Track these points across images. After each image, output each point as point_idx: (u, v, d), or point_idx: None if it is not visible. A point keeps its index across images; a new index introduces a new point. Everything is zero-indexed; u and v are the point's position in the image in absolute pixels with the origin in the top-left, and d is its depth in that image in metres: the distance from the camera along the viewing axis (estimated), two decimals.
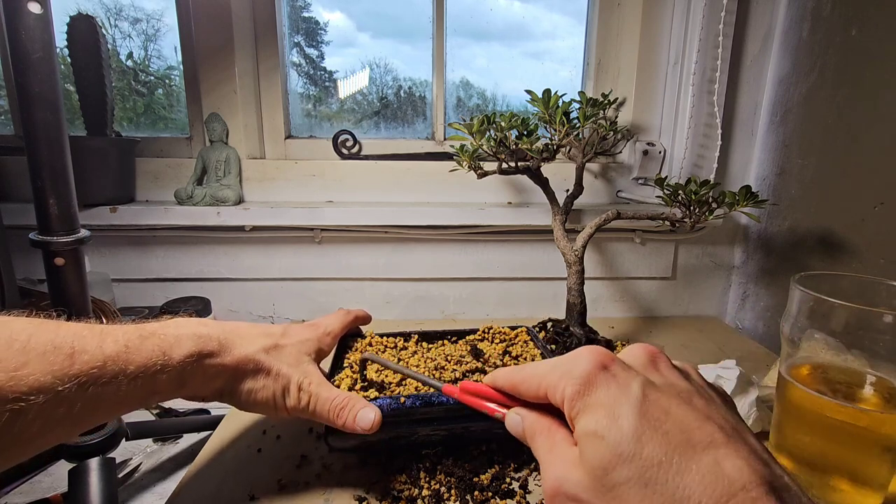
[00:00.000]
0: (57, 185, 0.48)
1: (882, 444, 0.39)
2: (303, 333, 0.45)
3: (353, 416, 0.39)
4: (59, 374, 0.29)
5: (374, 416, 0.39)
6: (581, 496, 0.23)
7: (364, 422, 0.39)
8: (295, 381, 0.40)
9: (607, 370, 0.25)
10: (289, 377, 0.40)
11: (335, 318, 0.52)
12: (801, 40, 0.77)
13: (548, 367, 0.27)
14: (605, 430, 0.22)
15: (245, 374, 0.39)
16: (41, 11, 0.45)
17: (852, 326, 0.40)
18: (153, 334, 0.35)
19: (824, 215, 0.72)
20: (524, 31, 0.95)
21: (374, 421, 0.39)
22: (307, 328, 0.47)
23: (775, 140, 0.82)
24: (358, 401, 0.40)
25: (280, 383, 0.40)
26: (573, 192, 0.75)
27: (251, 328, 0.43)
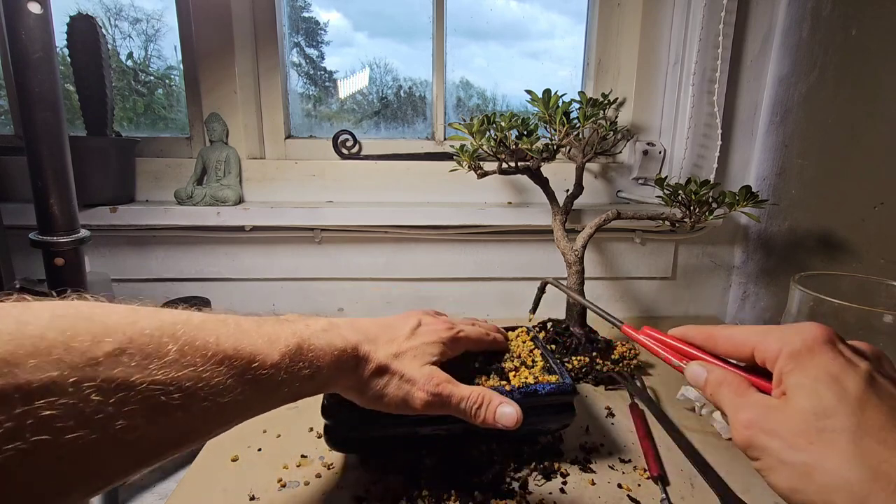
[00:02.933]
0: (57, 185, 0.48)
1: None
2: (429, 336, 0.43)
3: (491, 412, 0.39)
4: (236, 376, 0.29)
5: (514, 411, 0.39)
6: (780, 431, 0.25)
7: (506, 418, 0.39)
8: (421, 384, 0.39)
9: (834, 346, 0.26)
10: (415, 380, 0.39)
11: (473, 333, 0.49)
12: (801, 40, 0.77)
13: (759, 328, 0.30)
14: (825, 387, 0.25)
15: (374, 377, 0.39)
16: (41, 11, 0.45)
17: (852, 326, 0.40)
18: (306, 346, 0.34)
19: (824, 215, 0.72)
20: (522, 31, 0.95)
21: (516, 417, 0.39)
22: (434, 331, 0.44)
23: (775, 140, 0.82)
24: (493, 396, 0.40)
25: (408, 385, 0.39)
26: (573, 192, 0.75)
27: (380, 329, 0.42)
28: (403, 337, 0.42)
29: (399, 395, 0.39)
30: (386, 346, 0.40)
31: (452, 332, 0.45)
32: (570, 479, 0.46)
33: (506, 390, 0.45)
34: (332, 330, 0.37)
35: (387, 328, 0.42)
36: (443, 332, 0.45)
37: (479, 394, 0.40)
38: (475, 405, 0.40)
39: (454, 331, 0.46)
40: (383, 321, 0.44)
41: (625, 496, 0.44)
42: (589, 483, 0.46)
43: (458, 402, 0.39)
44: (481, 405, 0.40)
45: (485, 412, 0.39)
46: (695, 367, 0.32)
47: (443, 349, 0.43)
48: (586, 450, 0.50)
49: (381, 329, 0.42)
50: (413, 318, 0.45)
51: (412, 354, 0.41)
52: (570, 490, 0.45)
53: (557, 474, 0.47)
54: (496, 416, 0.39)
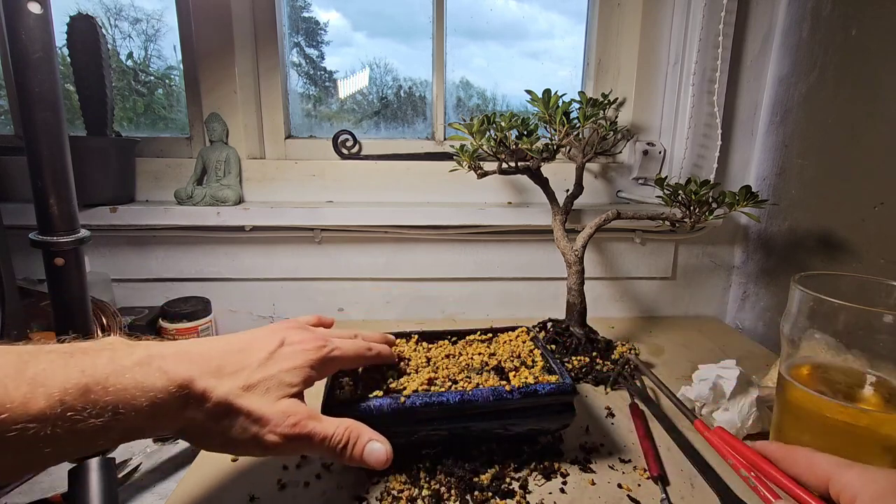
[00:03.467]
0: (57, 185, 0.48)
1: (882, 444, 0.39)
2: (290, 359, 0.37)
3: (359, 450, 0.35)
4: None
5: (384, 449, 0.36)
6: None
7: (374, 457, 0.35)
8: (273, 424, 0.33)
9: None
10: (266, 419, 0.33)
11: (351, 350, 0.43)
12: (801, 40, 0.77)
13: (839, 461, 0.30)
14: None
15: (212, 419, 0.32)
16: (41, 11, 0.45)
17: (852, 326, 0.40)
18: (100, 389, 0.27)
19: (824, 215, 0.72)
20: (521, 31, 0.95)
21: (385, 455, 0.36)
22: (298, 352, 0.38)
23: (775, 140, 0.82)
24: (361, 431, 0.36)
25: (256, 427, 0.33)
26: (573, 192, 0.75)
27: (226, 355, 0.35)
28: (256, 364, 0.35)
29: (245, 437, 0.33)
30: (231, 378, 0.33)
31: (323, 351, 0.39)
32: (570, 479, 0.46)
33: (506, 390, 0.45)
34: (148, 364, 0.30)
35: (236, 354, 0.35)
36: (311, 352, 0.38)
37: (345, 430, 0.35)
38: (340, 444, 0.35)
39: (325, 350, 0.40)
40: (235, 343, 0.37)
41: (625, 496, 0.44)
42: (589, 483, 0.46)
43: (322, 441, 0.34)
44: (347, 443, 0.35)
45: (351, 450, 0.35)
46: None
47: (307, 374, 0.37)
48: (586, 450, 0.50)
49: (228, 355, 0.35)
50: (273, 337, 0.38)
51: (265, 387, 0.34)
52: (570, 490, 0.45)
53: (557, 474, 0.47)
54: (364, 454, 0.35)
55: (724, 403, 0.54)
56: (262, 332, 0.39)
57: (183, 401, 0.31)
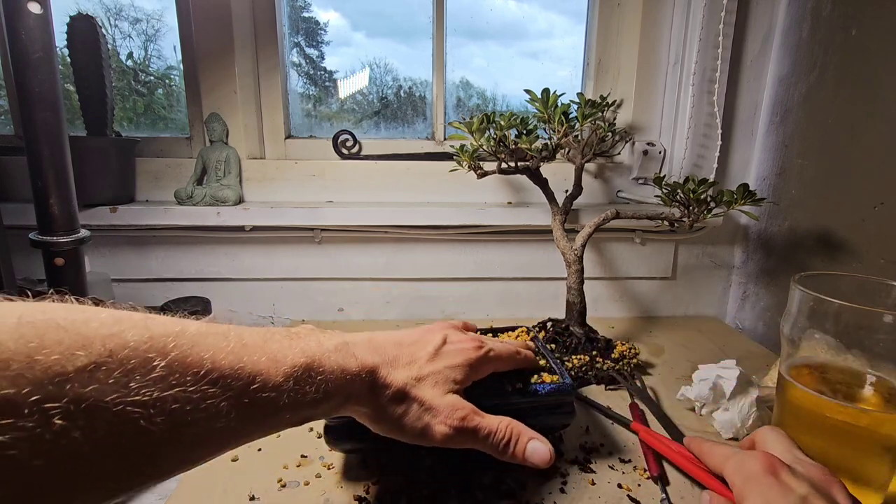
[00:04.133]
0: (57, 185, 0.48)
1: (882, 444, 0.39)
2: (454, 357, 0.39)
3: (521, 448, 0.37)
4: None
5: (546, 448, 0.37)
6: None
7: (537, 455, 0.37)
8: (444, 416, 0.36)
9: (775, 475, 0.32)
10: (437, 409, 0.36)
11: (504, 352, 0.44)
12: (801, 40, 0.77)
13: (728, 452, 0.37)
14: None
15: (391, 404, 0.35)
16: (41, 11, 0.45)
17: (852, 326, 0.40)
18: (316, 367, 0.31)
19: (824, 215, 0.72)
20: (521, 31, 0.95)
21: (549, 454, 0.37)
22: (460, 350, 0.40)
23: (775, 140, 0.82)
24: (522, 430, 0.38)
25: (429, 416, 0.36)
26: (572, 193, 0.75)
27: (399, 348, 0.38)
28: (425, 358, 0.38)
29: (418, 425, 0.35)
30: (405, 368, 0.36)
31: (481, 351, 0.42)
32: (570, 479, 0.46)
33: (506, 391, 0.45)
34: (344, 350, 0.33)
35: (407, 347, 0.38)
36: (470, 351, 0.41)
37: (507, 426, 0.37)
38: (503, 440, 0.37)
39: (483, 350, 0.42)
40: (404, 337, 0.40)
41: (625, 496, 0.44)
42: (589, 483, 0.46)
43: (486, 436, 0.36)
44: (510, 440, 0.37)
45: (513, 447, 0.37)
46: (705, 495, 0.38)
47: (468, 373, 0.39)
48: (586, 450, 0.50)
49: (401, 348, 0.38)
50: (437, 335, 0.41)
51: (434, 380, 0.37)
52: (570, 490, 0.45)
53: (557, 474, 0.46)
54: (526, 452, 0.37)
55: (724, 403, 0.54)
56: (427, 330, 0.42)
57: (370, 385, 0.34)
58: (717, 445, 0.39)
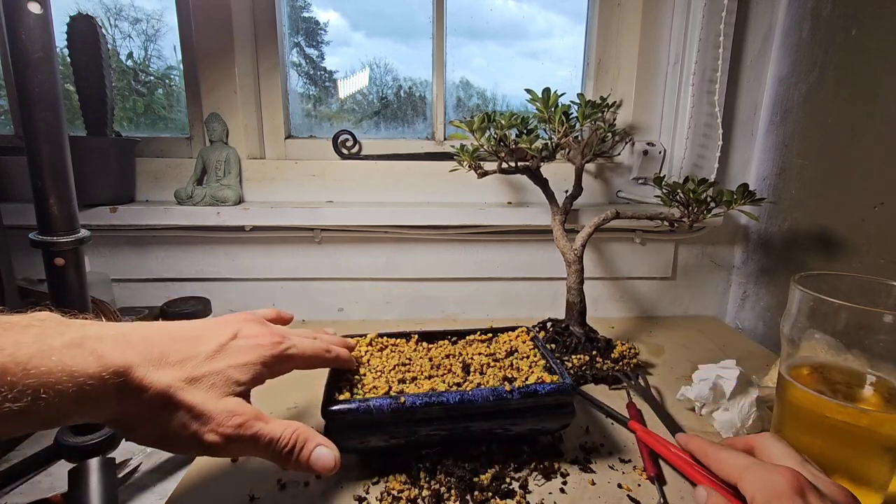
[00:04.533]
0: (57, 185, 0.48)
1: (882, 444, 0.39)
2: (242, 354, 0.35)
3: (306, 455, 0.33)
4: None
5: (332, 454, 0.33)
6: None
7: (321, 462, 0.33)
8: (216, 422, 0.31)
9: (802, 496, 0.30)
10: (209, 416, 0.31)
11: (309, 349, 0.40)
12: (801, 40, 0.77)
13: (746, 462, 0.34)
14: None
15: (150, 410, 0.30)
16: (41, 11, 0.45)
17: (852, 326, 0.40)
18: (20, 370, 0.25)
19: (824, 215, 0.72)
20: (520, 30, 0.95)
21: (333, 461, 0.33)
22: (252, 347, 0.36)
23: (775, 140, 0.82)
24: (309, 436, 0.34)
25: (197, 424, 0.31)
26: (572, 193, 0.75)
27: (173, 343, 0.32)
28: (204, 355, 0.33)
29: (183, 434, 0.30)
30: (173, 368, 0.31)
31: (278, 348, 0.37)
32: (570, 479, 0.46)
33: (506, 390, 0.45)
34: (81, 346, 0.27)
35: (182, 342, 0.33)
36: (265, 347, 0.36)
37: (293, 433, 0.33)
38: (287, 447, 0.33)
39: (281, 347, 0.37)
40: (184, 330, 0.34)
41: (625, 496, 0.44)
42: (589, 483, 0.46)
43: (268, 443, 0.32)
44: (294, 447, 0.33)
45: (297, 455, 0.33)
46: (700, 489, 0.35)
47: (258, 371, 0.35)
48: (586, 450, 0.50)
49: (173, 343, 0.32)
50: (227, 329, 0.36)
51: (210, 382, 0.32)
52: (570, 490, 0.45)
53: (557, 474, 0.47)
54: (311, 458, 0.33)
55: (724, 403, 0.54)
56: (215, 323, 0.37)
57: (118, 389, 0.28)
58: (727, 451, 0.36)
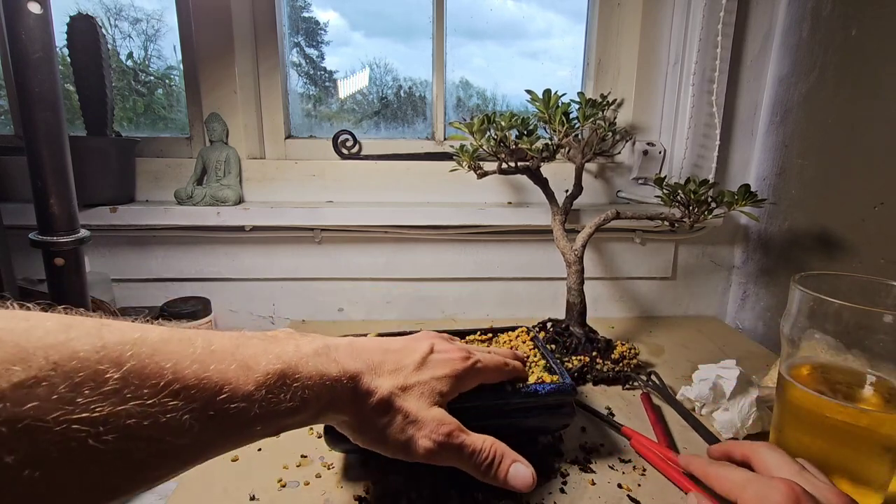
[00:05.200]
0: (57, 185, 0.48)
1: (882, 444, 0.39)
2: (441, 367, 0.38)
3: (504, 470, 0.35)
4: None
5: (529, 472, 0.35)
6: None
7: (520, 479, 0.35)
8: (428, 430, 0.34)
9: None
10: (422, 423, 0.34)
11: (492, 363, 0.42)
12: (801, 40, 0.77)
13: (745, 478, 0.34)
14: None
15: (375, 414, 0.33)
16: (41, 11, 0.45)
17: (852, 326, 0.40)
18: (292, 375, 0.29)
19: (824, 215, 0.72)
20: (519, 30, 0.95)
21: (532, 479, 0.35)
22: (447, 361, 0.38)
23: (775, 140, 0.82)
24: (505, 451, 0.36)
25: (413, 429, 0.34)
26: (573, 193, 0.75)
27: (384, 354, 0.35)
28: (412, 367, 0.36)
29: (402, 438, 0.33)
30: (390, 376, 0.34)
31: (468, 363, 0.40)
32: (570, 479, 0.46)
33: (506, 390, 0.45)
34: (326, 354, 0.32)
35: (393, 353, 0.36)
36: (457, 362, 0.39)
37: (491, 446, 0.35)
38: (486, 460, 0.35)
39: (470, 361, 0.40)
40: (389, 343, 0.38)
41: (625, 496, 0.44)
42: (589, 483, 0.46)
43: (471, 455, 0.34)
44: (493, 460, 0.35)
45: (496, 468, 0.35)
46: (692, 497, 0.36)
47: (454, 384, 0.38)
48: (586, 450, 0.50)
49: (386, 354, 0.36)
50: (424, 343, 0.39)
51: (420, 391, 0.35)
52: (570, 490, 0.45)
53: (557, 474, 0.47)
54: (508, 475, 0.35)
55: (724, 403, 0.54)
56: (412, 338, 0.41)
57: (352, 392, 0.32)
58: (727, 468, 0.36)
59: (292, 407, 0.28)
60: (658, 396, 0.61)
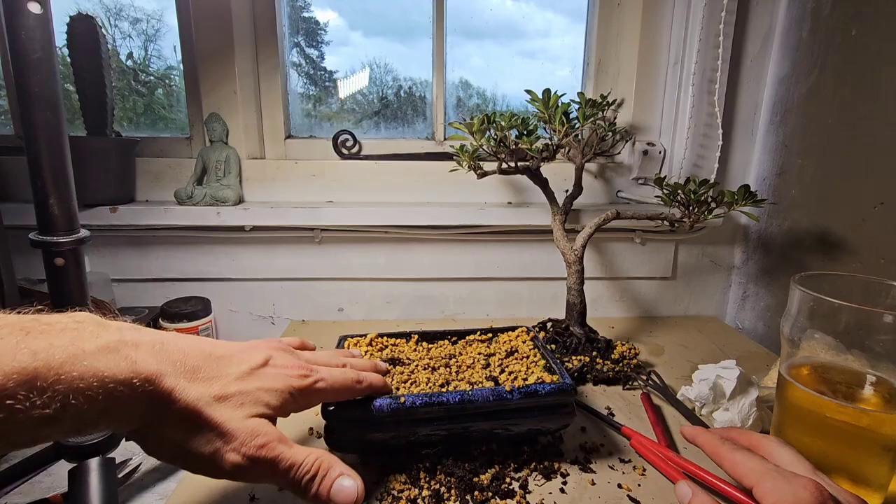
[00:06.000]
0: (57, 185, 0.48)
1: (882, 444, 0.39)
2: (273, 380, 0.34)
3: (326, 486, 0.31)
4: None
5: (355, 485, 0.31)
6: None
7: (343, 495, 0.31)
8: (238, 442, 0.30)
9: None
10: (231, 435, 0.30)
11: (339, 381, 0.39)
12: (801, 40, 0.77)
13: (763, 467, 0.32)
14: None
15: (174, 423, 0.29)
16: (41, 11, 0.45)
17: (852, 326, 0.40)
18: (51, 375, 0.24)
19: (824, 215, 0.72)
20: (518, 30, 0.95)
21: (356, 494, 0.31)
22: (281, 375, 0.35)
23: (775, 140, 0.82)
24: (332, 463, 0.32)
25: (219, 442, 0.29)
26: (573, 193, 0.75)
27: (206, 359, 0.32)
28: (235, 375, 0.32)
29: (205, 452, 0.29)
30: (204, 383, 0.30)
31: (306, 381, 0.36)
32: (570, 479, 0.46)
33: (506, 390, 0.45)
34: (116, 351, 0.27)
35: (216, 359, 0.32)
36: (293, 379, 0.35)
37: (315, 460, 0.31)
38: (308, 475, 0.31)
39: (309, 380, 0.36)
40: (215, 348, 0.33)
41: (625, 496, 0.44)
42: (589, 483, 0.46)
43: (288, 469, 0.31)
44: (315, 476, 0.31)
45: (318, 485, 0.31)
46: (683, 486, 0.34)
47: (285, 400, 0.34)
48: (586, 450, 0.50)
49: (206, 360, 0.32)
50: (260, 354, 0.35)
51: (238, 401, 0.31)
52: (570, 490, 0.45)
53: (557, 474, 0.47)
54: (332, 490, 0.31)
55: (724, 403, 0.54)
56: (247, 346, 0.36)
57: (145, 397, 0.27)
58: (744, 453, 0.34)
59: (47, 416, 0.24)
60: (658, 396, 0.61)
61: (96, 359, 0.26)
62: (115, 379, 0.26)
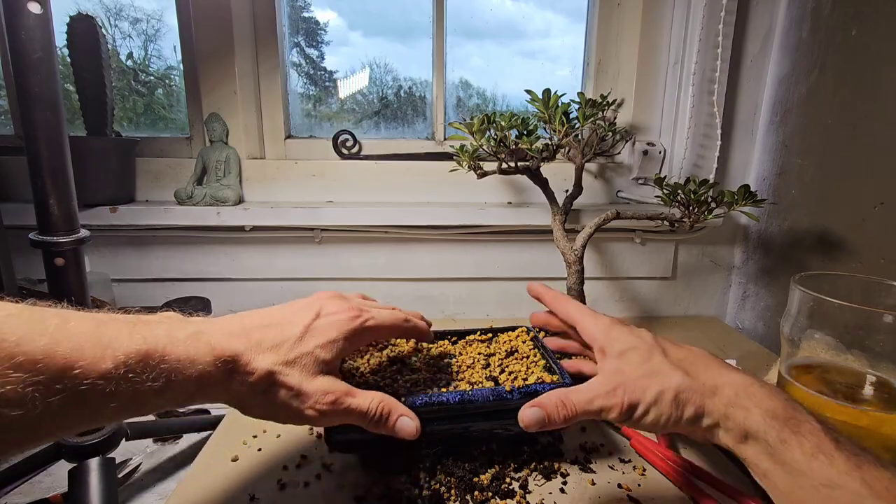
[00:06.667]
0: (57, 185, 0.48)
1: (882, 444, 0.39)
2: (325, 333, 0.38)
3: (392, 423, 0.38)
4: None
5: (413, 424, 0.38)
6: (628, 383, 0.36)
7: (405, 430, 0.38)
8: (312, 401, 0.35)
9: (622, 323, 0.41)
10: (306, 395, 0.35)
11: (387, 319, 0.43)
12: (801, 40, 0.77)
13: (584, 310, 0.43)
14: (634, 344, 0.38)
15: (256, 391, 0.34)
16: (41, 11, 0.45)
17: (852, 326, 0.40)
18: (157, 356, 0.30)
19: (824, 215, 0.72)
20: (518, 30, 0.95)
21: (415, 429, 0.38)
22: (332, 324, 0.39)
23: (775, 140, 0.82)
24: (393, 407, 0.38)
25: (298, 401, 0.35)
26: (573, 193, 0.75)
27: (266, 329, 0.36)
28: (293, 339, 0.36)
29: (290, 411, 0.35)
30: (271, 352, 0.35)
31: (357, 321, 0.40)
32: (570, 479, 0.46)
33: (506, 390, 0.45)
34: (199, 338, 0.32)
35: (274, 328, 0.37)
36: (344, 322, 0.39)
37: (378, 405, 0.38)
38: (375, 418, 0.37)
39: (360, 319, 0.40)
40: (274, 316, 0.38)
41: (625, 496, 0.44)
42: (589, 483, 0.46)
43: (360, 416, 0.37)
44: (381, 417, 0.38)
45: (384, 423, 0.38)
46: (528, 411, 0.37)
47: (341, 346, 0.38)
48: (586, 450, 0.50)
49: (267, 330, 0.36)
50: (310, 310, 0.39)
51: (302, 363, 0.36)
52: (570, 490, 0.45)
53: (557, 474, 0.46)
54: (396, 427, 0.38)
55: None
56: (300, 305, 0.40)
57: (228, 374, 0.33)
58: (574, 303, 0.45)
59: (156, 388, 0.29)
60: None
61: (187, 345, 0.31)
62: (202, 360, 0.32)
